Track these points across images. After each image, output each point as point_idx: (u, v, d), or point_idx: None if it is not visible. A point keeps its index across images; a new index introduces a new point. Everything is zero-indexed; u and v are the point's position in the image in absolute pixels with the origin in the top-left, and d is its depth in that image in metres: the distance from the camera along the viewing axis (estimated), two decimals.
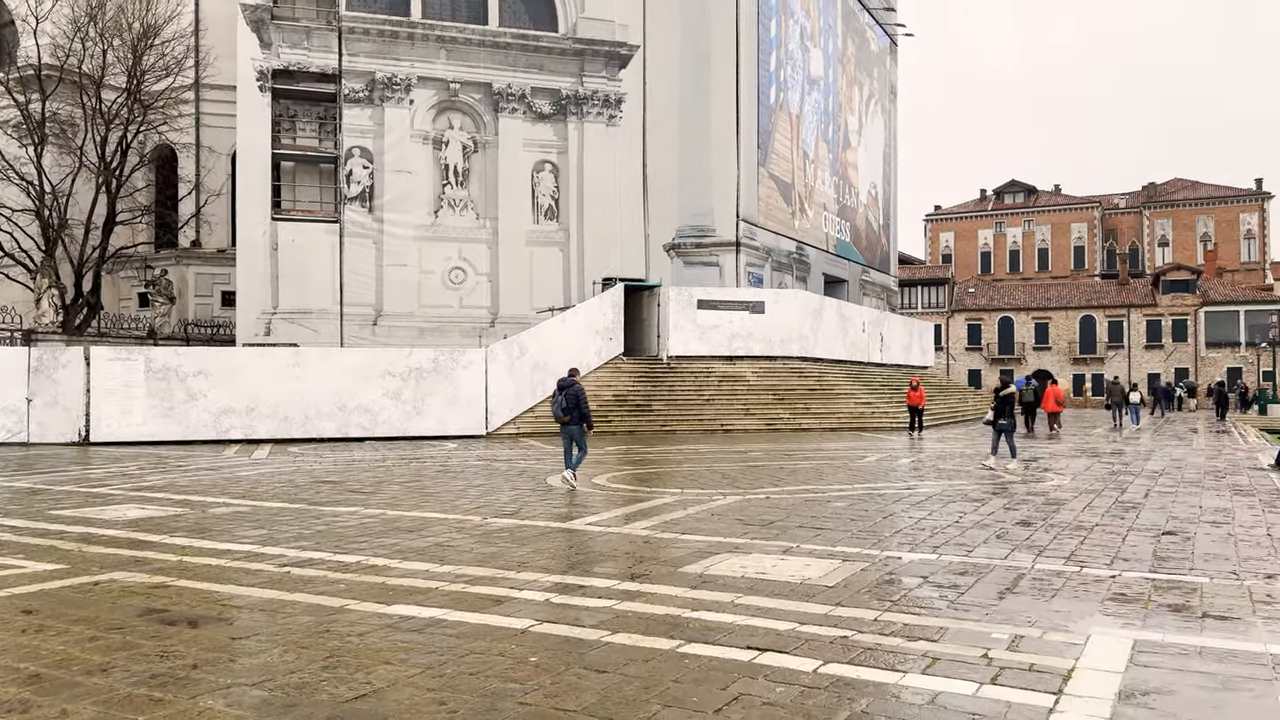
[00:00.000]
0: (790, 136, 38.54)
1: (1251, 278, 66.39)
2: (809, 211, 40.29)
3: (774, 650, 5.39)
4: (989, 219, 77.74)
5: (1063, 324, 63.01)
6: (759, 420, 28.03)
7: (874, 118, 48.84)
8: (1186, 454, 20.19)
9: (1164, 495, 12.71)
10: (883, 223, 50.49)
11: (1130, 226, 75.01)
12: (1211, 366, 58.64)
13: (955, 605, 6.49)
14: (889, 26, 50.27)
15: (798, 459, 18.27)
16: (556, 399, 13.33)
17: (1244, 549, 8.66)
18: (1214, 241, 70.27)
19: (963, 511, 11.05)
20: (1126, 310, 61.48)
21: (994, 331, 64.70)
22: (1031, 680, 4.84)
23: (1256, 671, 4.96)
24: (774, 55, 37.03)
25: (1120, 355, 61.08)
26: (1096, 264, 74.05)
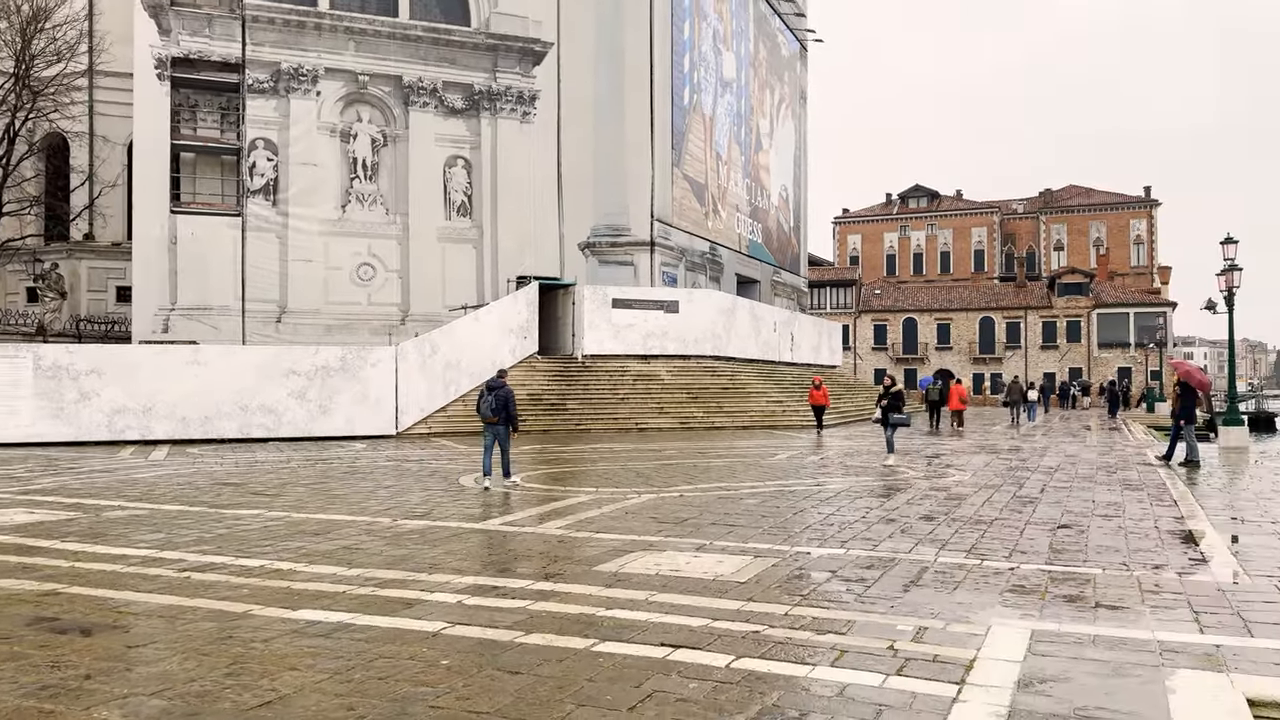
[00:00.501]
0: (704, 138, 38.89)
1: (1140, 281, 69.62)
2: (722, 212, 40.72)
3: (687, 647, 5.43)
4: (894, 222, 79.78)
5: (964, 325, 65.07)
6: (673, 419, 28.21)
7: (785, 121, 49.64)
8: (1080, 450, 21.06)
9: (1059, 490, 13.24)
10: (793, 224, 51.35)
11: (1028, 231, 77.87)
12: (1104, 366, 61.31)
13: (862, 599, 6.65)
14: (799, 32, 51.13)
15: (711, 457, 18.45)
16: (485, 399, 13.29)
17: (1134, 541, 9.07)
18: (1106, 246, 73.45)
19: (869, 507, 11.32)
20: (1024, 312, 63.80)
21: (899, 332, 66.44)
22: (935, 671, 4.98)
23: (1144, 658, 5.20)
24: (687, 57, 37.32)
25: (1018, 355, 63.37)
26: (996, 267, 76.66)
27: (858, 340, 66.78)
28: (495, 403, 13.19)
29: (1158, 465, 17.09)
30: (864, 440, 23.84)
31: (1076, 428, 31.25)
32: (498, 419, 13.22)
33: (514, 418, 13.47)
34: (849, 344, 64.58)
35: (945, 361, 63.99)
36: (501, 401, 13.21)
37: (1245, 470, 16.57)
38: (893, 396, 17.01)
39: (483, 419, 13.48)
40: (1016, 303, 64.44)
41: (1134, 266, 72.54)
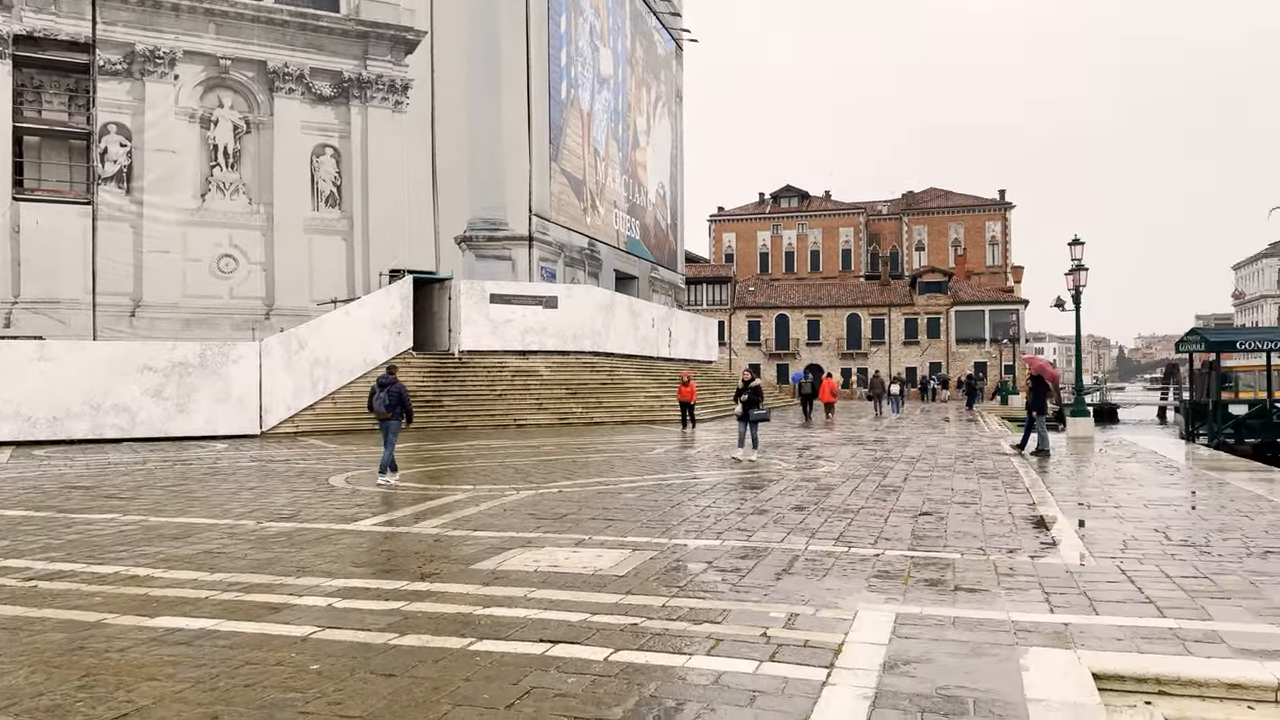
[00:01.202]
0: (582, 133, 38.87)
1: (995, 280, 73.33)
2: (600, 208, 40.81)
3: (566, 642, 5.42)
4: (767, 221, 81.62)
5: (832, 321, 67.17)
6: (552, 414, 28.12)
7: (661, 119, 50.11)
8: (940, 441, 22.04)
9: (921, 479, 13.82)
10: (670, 222, 51.92)
11: (891, 231, 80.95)
12: (962, 361, 64.33)
13: (737, 588, 6.78)
14: (675, 31, 51.69)
15: (590, 452, 18.47)
16: (378, 395, 13.42)
17: (989, 526, 9.55)
18: (964, 247, 77.08)
19: (743, 499, 11.56)
20: (888, 309, 66.32)
21: (772, 328, 68.05)
22: (806, 656, 5.13)
23: (1000, 638, 5.48)
24: (564, 51, 37.21)
25: (882, 350, 65.84)
26: (862, 266, 79.39)
27: (733, 336, 68.05)
28: (389, 399, 13.35)
29: (1012, 454, 18.04)
30: (733, 435, 24.28)
31: (936, 420, 32.69)
32: (392, 414, 13.39)
33: (409, 411, 13.65)
34: (724, 340, 65.75)
35: (815, 357, 65.91)
36: (395, 397, 13.38)
37: (1091, 458, 17.66)
38: (751, 391, 16.78)
39: (376, 415, 13.59)
40: (881, 300, 66.91)
41: (989, 266, 76.33)
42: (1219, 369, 27.92)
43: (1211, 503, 11.24)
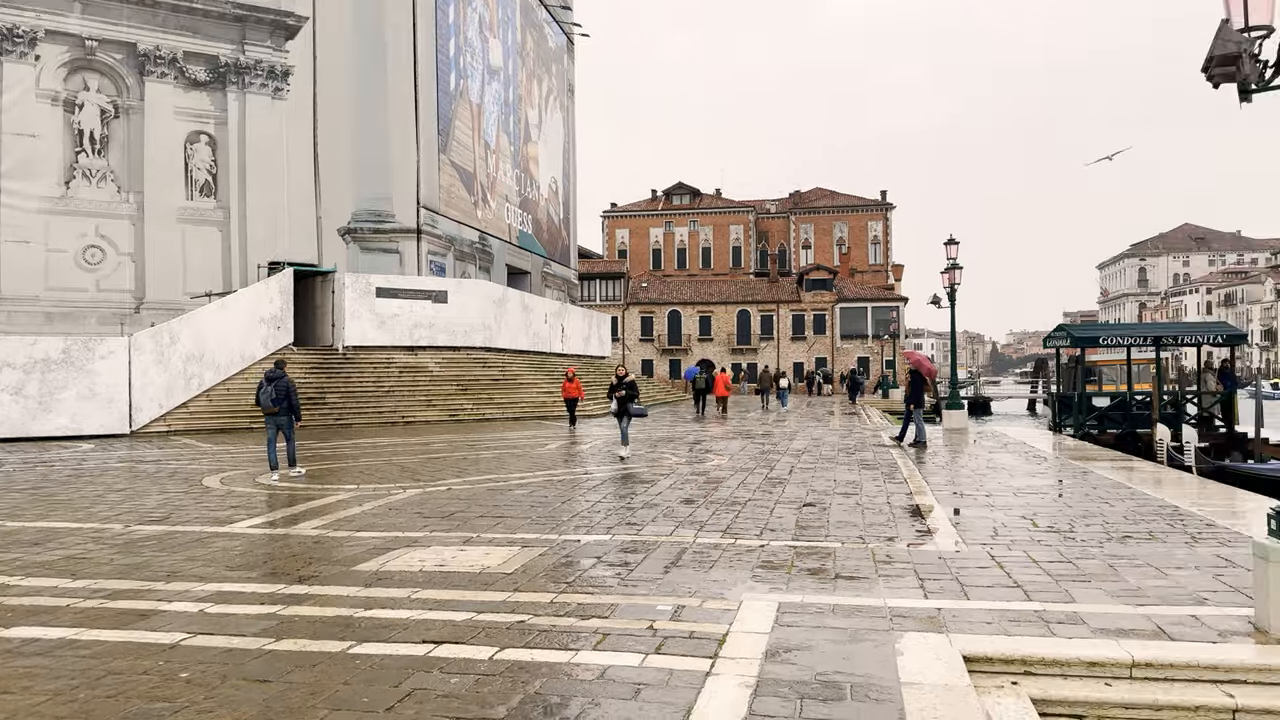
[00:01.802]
0: (471, 125, 38.32)
1: (877, 278, 75.64)
2: (491, 202, 40.33)
3: (450, 642, 5.34)
4: (659, 218, 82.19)
5: (723, 317, 68.13)
6: (442, 411, 27.67)
7: (554, 113, 49.85)
8: (824, 434, 22.62)
9: (806, 471, 14.15)
10: (563, 217, 51.72)
11: (780, 229, 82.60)
12: (846, 356, 66.15)
13: (625, 582, 6.80)
14: (566, 25, 51.49)
15: (481, 449, 18.25)
16: (265, 389, 13.44)
17: (869, 516, 9.84)
18: (848, 245, 79.26)
19: (634, 493, 11.61)
20: (776, 305, 67.67)
21: (664, 324, 68.58)
22: (692, 647, 5.18)
23: (877, 624, 5.65)
24: (453, 41, 36.60)
25: (771, 346, 67.16)
26: (752, 263, 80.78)
27: (626, 332, 68.29)
28: (275, 393, 13.37)
29: (891, 446, 18.65)
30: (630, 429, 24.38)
31: (821, 413, 33.54)
32: (278, 409, 13.42)
33: (297, 407, 13.70)
34: (618, 335, 65.95)
35: (707, 352, 66.74)
36: (282, 392, 13.41)
37: (965, 449, 18.40)
38: (627, 387, 16.27)
39: (264, 410, 13.57)
40: (770, 297, 68.20)
41: (872, 264, 78.67)
42: (1084, 363, 29.46)
43: (1076, 491, 11.85)
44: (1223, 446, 22.28)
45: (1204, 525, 9.04)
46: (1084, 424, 23.99)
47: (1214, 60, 5.47)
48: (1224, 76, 5.52)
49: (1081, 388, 26.79)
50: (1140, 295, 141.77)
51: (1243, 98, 5.64)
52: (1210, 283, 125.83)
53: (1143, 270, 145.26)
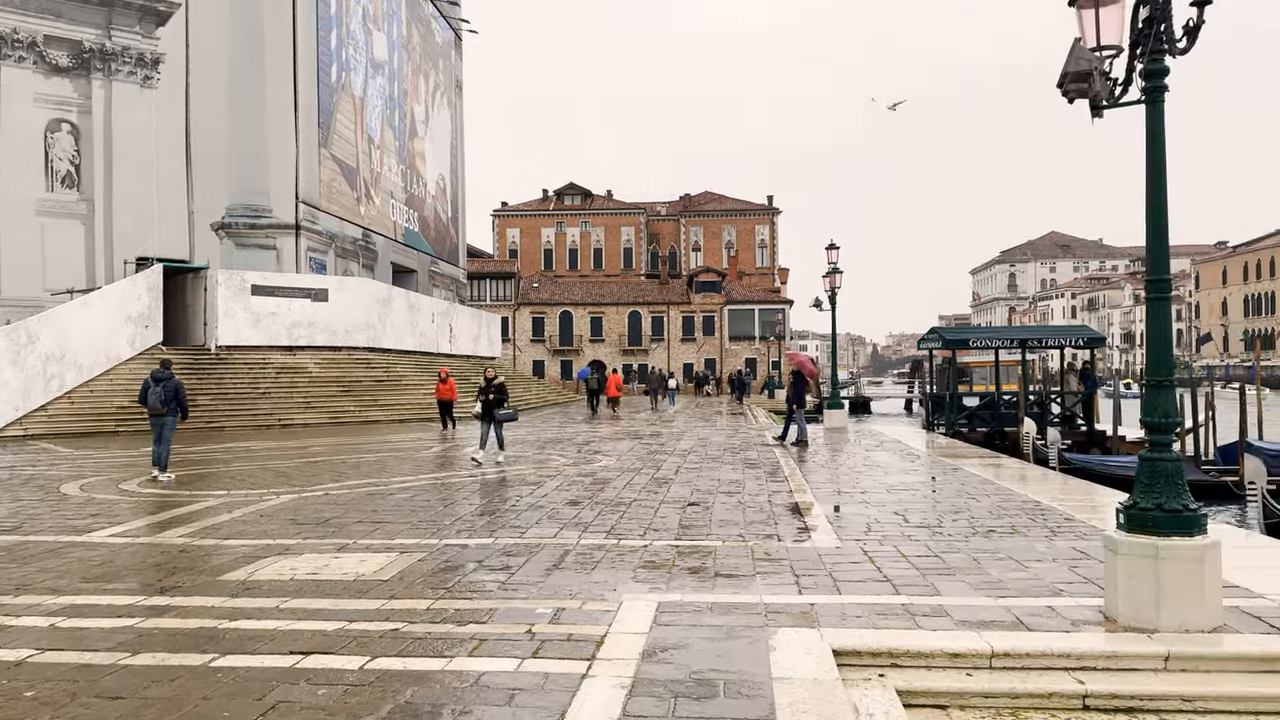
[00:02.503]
0: (354, 119, 37.35)
1: (764, 281, 77.17)
2: (375, 198, 39.40)
3: (319, 652, 5.17)
4: (551, 218, 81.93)
5: (614, 318, 68.35)
6: (322, 414, 26.88)
7: (441, 109, 49.06)
8: (711, 434, 22.92)
9: (691, 471, 14.30)
10: (451, 215, 50.96)
11: (670, 232, 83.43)
12: (734, 357, 67.24)
13: (506, 586, 6.72)
14: (453, 20, 50.76)
15: (362, 452, 17.80)
16: (153, 390, 13.47)
17: (750, 514, 10.00)
18: (736, 249, 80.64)
19: (520, 495, 11.51)
20: (666, 307, 68.29)
21: (556, 324, 68.36)
22: (569, 650, 5.15)
23: (753, 620, 5.74)
24: (334, 33, 35.60)
25: (662, 347, 67.72)
26: (643, 264, 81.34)
27: (517, 332, 67.78)
28: (164, 394, 13.48)
29: (774, 445, 19.03)
30: (520, 429, 24.23)
31: (709, 413, 34.00)
32: (166, 410, 13.46)
33: (184, 407, 13.82)
34: (508, 336, 65.38)
35: (598, 353, 66.82)
36: (171, 392, 13.54)
37: (844, 448, 18.92)
38: (496, 390, 15.50)
39: (150, 411, 13.57)
40: (660, 298, 68.77)
41: (759, 268, 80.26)
42: (956, 364, 30.71)
43: (946, 487, 12.32)
44: (1084, 444, 23.55)
45: (1063, 519, 9.52)
46: (955, 423, 25.00)
47: (1068, 76, 5.75)
48: (1077, 92, 5.82)
49: (953, 388, 27.91)
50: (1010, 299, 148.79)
51: (1094, 113, 5.96)
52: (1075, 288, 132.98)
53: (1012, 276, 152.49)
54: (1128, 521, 5.62)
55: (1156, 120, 5.72)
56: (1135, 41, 5.74)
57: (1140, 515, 5.56)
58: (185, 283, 29.10)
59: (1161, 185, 5.77)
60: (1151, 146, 5.75)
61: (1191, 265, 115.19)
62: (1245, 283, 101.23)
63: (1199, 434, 22.15)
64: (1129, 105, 5.88)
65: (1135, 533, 5.55)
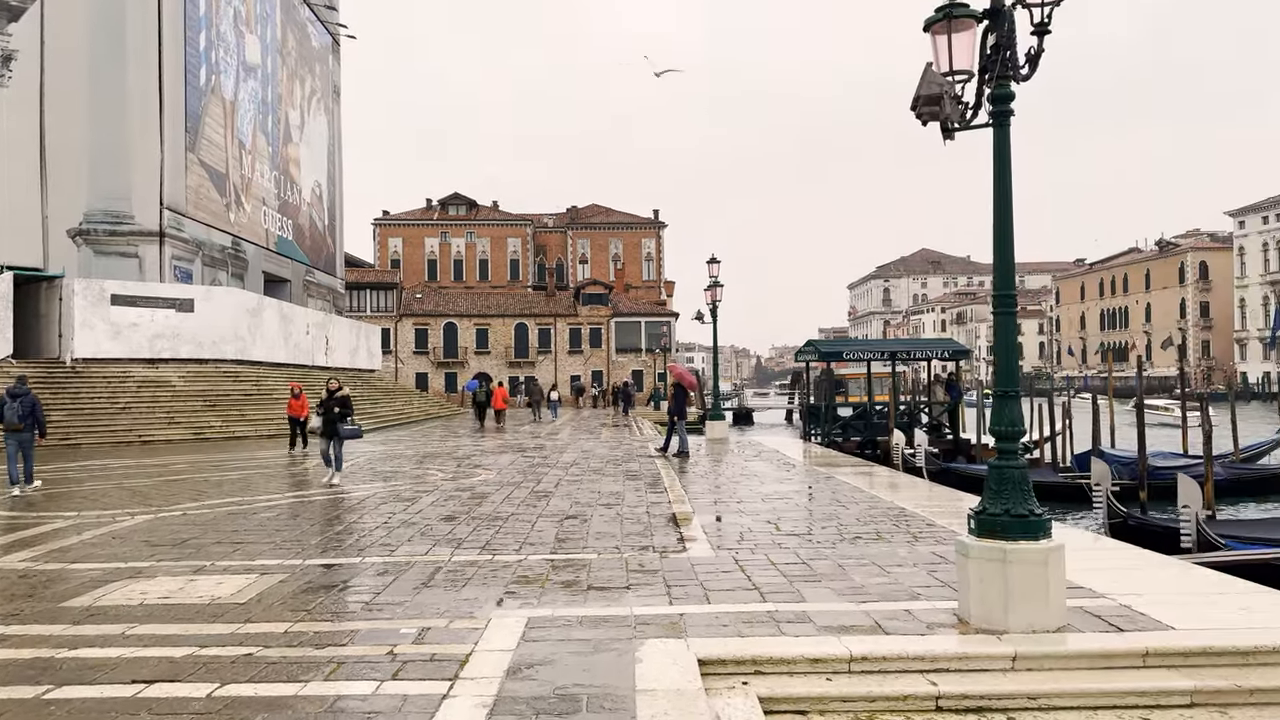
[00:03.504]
0: (224, 123, 35.94)
1: (651, 294, 77.78)
2: (246, 205, 37.99)
3: (165, 680, 4.91)
4: (435, 228, 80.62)
5: (500, 330, 67.69)
6: (186, 429, 25.66)
7: (317, 115, 47.73)
8: (595, 446, 22.91)
9: (572, 483, 14.25)
10: (328, 223, 49.56)
11: (557, 244, 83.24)
12: (621, 369, 67.47)
13: (370, 606, 6.53)
14: (331, 25, 49.52)
15: (227, 469, 17.07)
16: (9, 406, 13.64)
17: (627, 526, 10.02)
18: (623, 261, 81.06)
19: (392, 512, 11.22)
20: (554, 319, 68.06)
21: (440, 336, 67.23)
22: (431, 670, 5.03)
23: (622, 633, 5.73)
24: (204, 34, 34.21)
25: (549, 359, 67.42)
26: (530, 276, 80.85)
27: (399, 344, 66.33)
28: (21, 409, 13.63)
29: (656, 456, 19.16)
30: (399, 444, 23.71)
31: (594, 425, 34.01)
32: (24, 426, 13.60)
33: (42, 423, 14.00)
34: (390, 348, 63.95)
35: (484, 365, 66.01)
36: (28, 408, 13.70)
37: (724, 458, 19.19)
38: (340, 403, 14.29)
39: (7, 427, 13.71)
40: (547, 310, 68.49)
41: (645, 280, 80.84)
42: (833, 376, 31.58)
43: (819, 495, 12.63)
44: (949, 451, 24.53)
45: (925, 525, 9.87)
46: (830, 433, 25.69)
47: (920, 100, 5.99)
48: (930, 115, 6.06)
49: (830, 399, 28.69)
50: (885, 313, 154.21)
51: (946, 135, 6.22)
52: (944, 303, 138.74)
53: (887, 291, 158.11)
54: (978, 526, 5.86)
55: (1003, 142, 6.01)
56: (984, 67, 6.02)
57: (989, 520, 5.80)
58: (38, 292, 27.41)
59: (1007, 204, 6.06)
60: (998, 167, 6.03)
61: (1053, 281, 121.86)
62: (1101, 298, 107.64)
63: (1056, 442, 23.41)
64: (978, 128, 6.15)
65: (985, 537, 5.79)
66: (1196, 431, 20.47)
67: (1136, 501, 16.96)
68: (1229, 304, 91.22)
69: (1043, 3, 5.68)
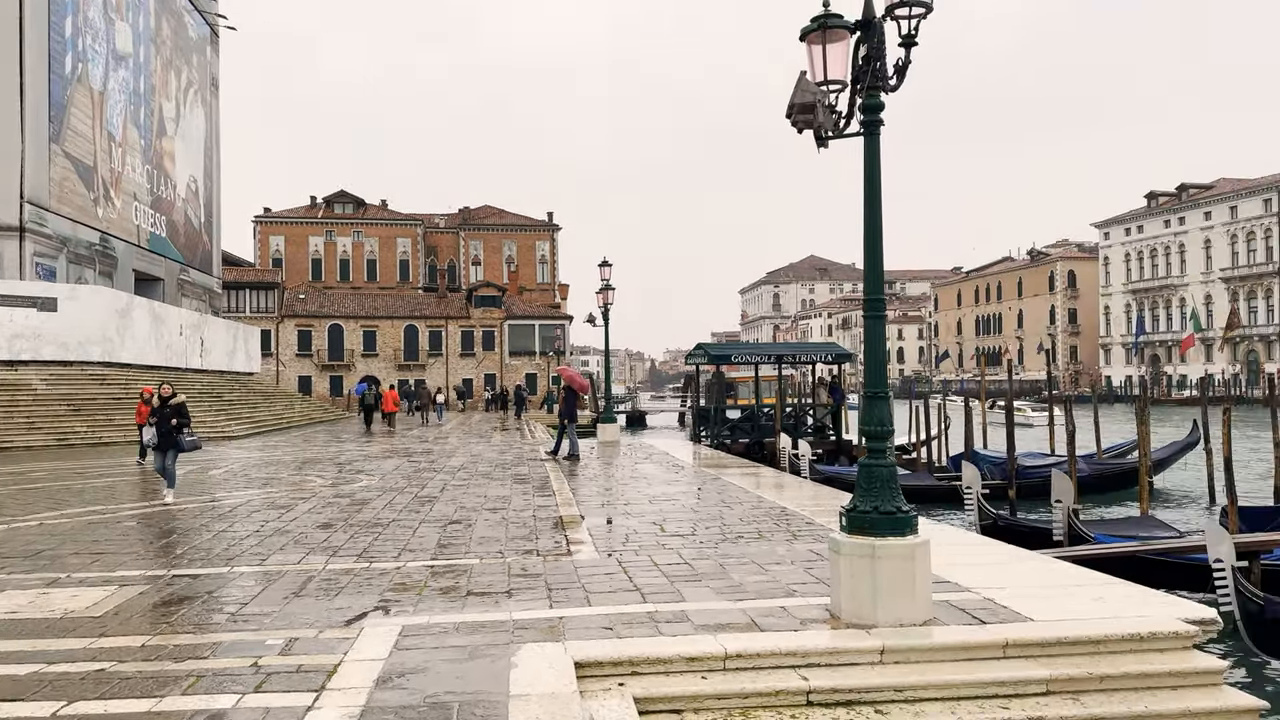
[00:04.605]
0: (92, 114, 34.13)
1: (545, 296, 77.40)
2: (116, 200, 36.15)
3: (6, 700, 4.60)
4: (320, 226, 78.39)
5: (389, 332, 66.25)
6: (49, 435, 24.25)
7: (194, 108, 45.82)
8: (484, 450, 22.63)
9: (458, 488, 14.03)
10: (205, 220, 47.60)
11: (449, 245, 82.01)
12: (514, 373, 66.90)
13: (237, 617, 6.28)
14: (209, 15, 47.63)
15: (91, 477, 16.21)
16: None
17: (512, 530, 9.92)
18: (516, 263, 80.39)
19: (266, 520, 10.83)
20: (445, 321, 67.01)
21: (325, 338, 65.37)
22: (297, 682, 4.86)
23: (499, 638, 5.65)
24: (70, 20, 32.41)
25: (440, 362, 66.34)
26: (420, 277, 79.42)
27: (281, 346, 64.18)
28: None
29: (546, 460, 19.05)
30: (277, 450, 22.94)
31: (485, 429, 33.62)
32: None
33: None
34: (270, 350, 61.84)
35: (372, 368, 64.47)
36: None
37: (614, 461, 19.22)
38: (176, 411, 12.72)
39: None
40: (438, 313, 67.39)
41: (539, 283, 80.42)
42: (723, 379, 32.00)
43: (706, 496, 12.77)
44: (832, 452, 25.17)
45: (805, 524, 10.08)
46: (719, 435, 26.04)
47: (795, 108, 6.12)
48: (804, 123, 6.19)
49: (720, 401, 29.07)
50: (775, 318, 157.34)
51: (820, 144, 6.36)
52: (831, 308, 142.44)
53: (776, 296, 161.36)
54: (849, 523, 6.01)
55: (873, 151, 6.19)
56: (856, 77, 6.18)
57: (859, 517, 5.95)
58: None
59: (877, 212, 6.24)
60: (869, 175, 6.21)
61: (931, 288, 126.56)
62: (977, 305, 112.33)
63: (932, 444, 24.28)
64: (851, 137, 6.32)
65: (855, 534, 5.94)
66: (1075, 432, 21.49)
67: (1007, 500, 17.73)
68: (1095, 311, 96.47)
69: (910, 16, 5.86)
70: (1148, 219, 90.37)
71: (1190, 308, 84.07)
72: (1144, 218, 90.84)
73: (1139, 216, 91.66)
